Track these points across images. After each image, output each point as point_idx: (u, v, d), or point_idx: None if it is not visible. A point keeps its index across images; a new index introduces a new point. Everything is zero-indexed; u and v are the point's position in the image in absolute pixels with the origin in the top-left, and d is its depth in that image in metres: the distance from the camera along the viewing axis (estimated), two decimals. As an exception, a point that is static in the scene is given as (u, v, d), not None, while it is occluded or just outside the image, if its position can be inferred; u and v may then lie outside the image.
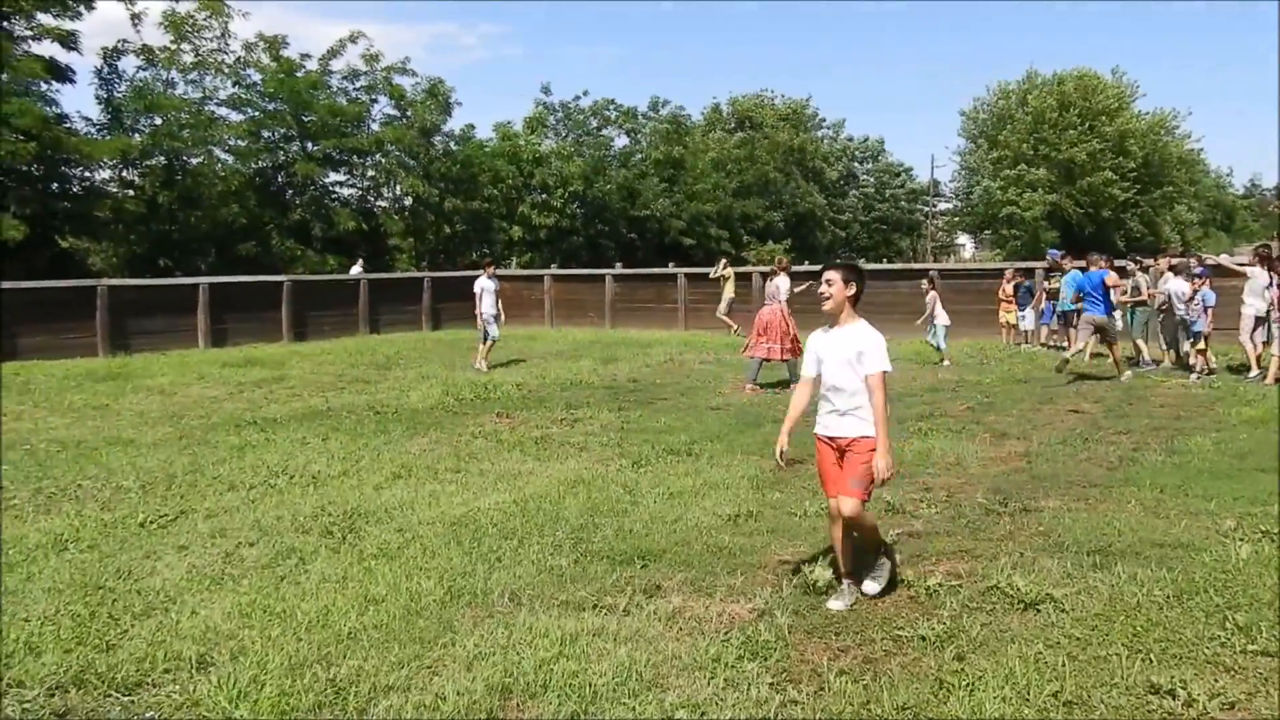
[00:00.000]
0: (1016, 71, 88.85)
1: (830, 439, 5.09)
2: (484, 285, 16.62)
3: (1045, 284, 18.50)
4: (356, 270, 29.63)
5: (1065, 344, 17.50)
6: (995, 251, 61.70)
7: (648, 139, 48.93)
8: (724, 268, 23.24)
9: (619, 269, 29.94)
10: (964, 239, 78.92)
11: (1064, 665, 4.20)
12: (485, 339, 16.53)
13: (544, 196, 41.24)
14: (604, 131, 47.10)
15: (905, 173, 72.83)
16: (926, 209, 72.02)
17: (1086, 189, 56.35)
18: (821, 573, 5.30)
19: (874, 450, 4.87)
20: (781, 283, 13.91)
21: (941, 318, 16.30)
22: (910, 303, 20.81)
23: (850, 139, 70.05)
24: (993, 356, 16.78)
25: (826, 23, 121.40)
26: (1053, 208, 56.02)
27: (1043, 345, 18.07)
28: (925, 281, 18.02)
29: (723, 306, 22.67)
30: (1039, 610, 4.87)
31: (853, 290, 4.97)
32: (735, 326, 21.47)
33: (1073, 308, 15.37)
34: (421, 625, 4.83)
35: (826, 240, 59.61)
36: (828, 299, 4.98)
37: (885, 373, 4.89)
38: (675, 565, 5.71)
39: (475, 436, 10.10)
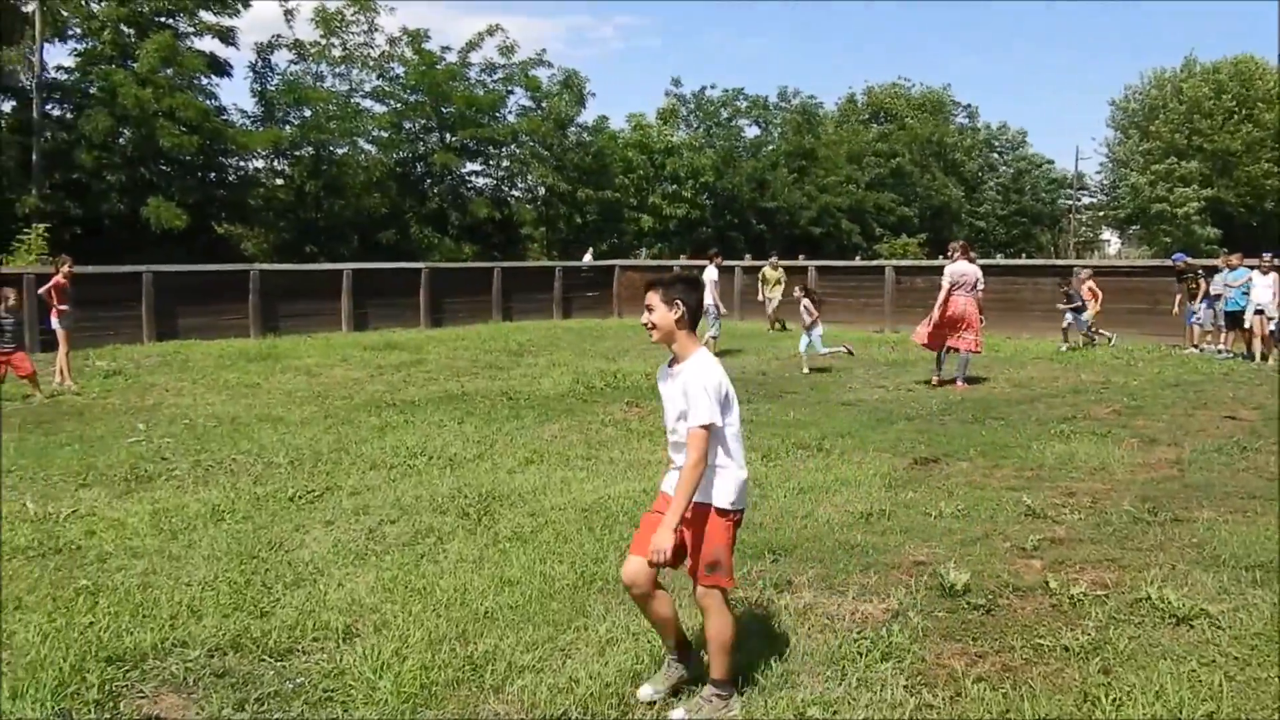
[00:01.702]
0: (1174, 60, 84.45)
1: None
2: (710, 275, 16.63)
3: (1190, 285, 17.59)
4: (588, 259, 30.73)
5: (1221, 345, 16.64)
6: (1143, 249, 58.89)
7: (778, 130, 48.52)
8: (775, 267, 23.03)
9: (748, 260, 29.77)
10: (1109, 235, 75.57)
11: (1220, 685, 3.99)
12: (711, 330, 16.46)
13: (674, 187, 41.36)
14: (735, 122, 46.93)
15: (1047, 164, 70.19)
16: (1069, 202, 69.22)
17: (1245, 180, 53.17)
18: (958, 575, 5.17)
19: (723, 524, 3.82)
20: (962, 268, 12.95)
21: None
22: (1053, 300, 20.10)
23: (988, 126, 67.86)
24: (1141, 358, 16.03)
25: (967, 7, 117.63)
26: (1209, 202, 53.05)
27: (1195, 348, 17.16)
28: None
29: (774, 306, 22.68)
30: (1192, 626, 4.64)
31: (679, 311, 3.84)
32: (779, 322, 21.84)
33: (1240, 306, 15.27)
34: (555, 608, 4.92)
35: (963, 234, 57.93)
36: (651, 329, 3.91)
37: (708, 427, 3.69)
38: (806, 561, 5.66)
39: (605, 424, 10.22)
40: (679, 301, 3.84)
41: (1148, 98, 58.14)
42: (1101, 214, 67.67)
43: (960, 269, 12.94)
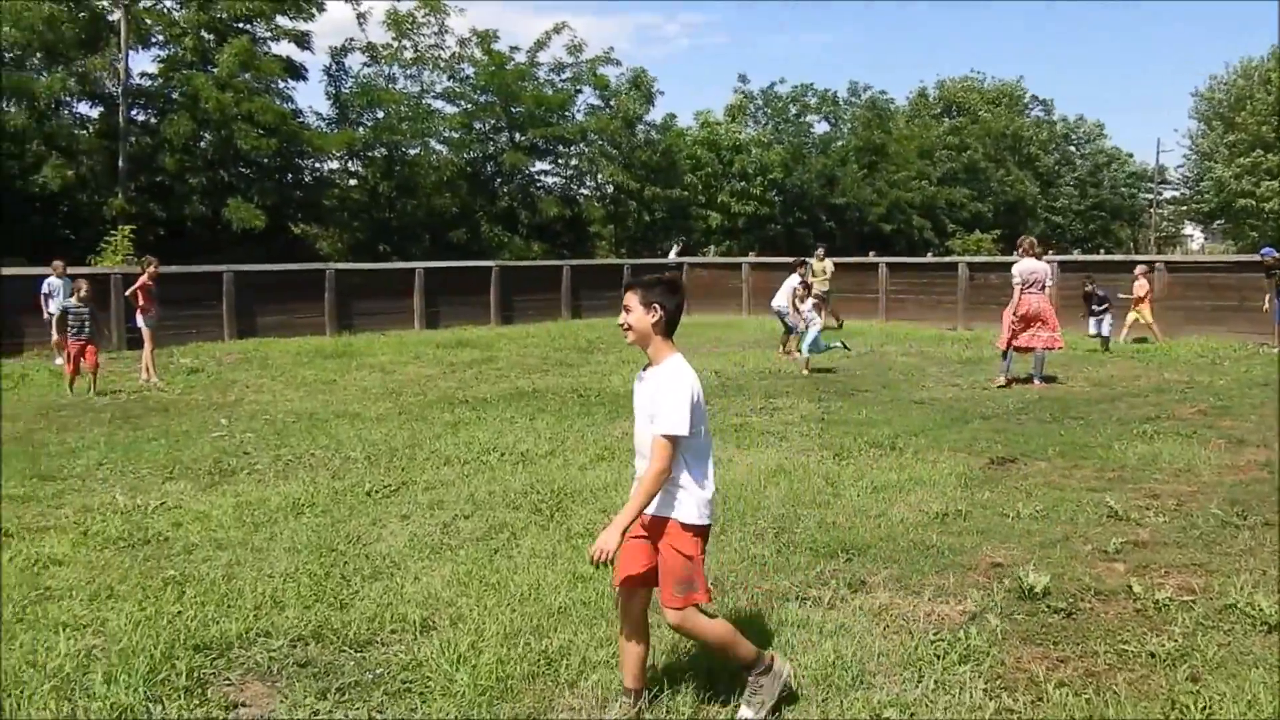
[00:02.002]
0: (1261, 49, 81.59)
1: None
2: (792, 283, 16.52)
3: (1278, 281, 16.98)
4: (674, 254, 31.00)
5: None
6: (1228, 244, 57.02)
7: (848, 125, 48.03)
8: (821, 258, 22.50)
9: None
10: (1192, 229, 73.33)
11: (1316, 695, 3.85)
12: (794, 331, 16.23)
13: (743, 184, 41.19)
14: (804, 118, 46.58)
15: (1126, 157, 68.35)
16: (1150, 196, 67.34)
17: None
18: (1037, 578, 5.07)
19: (687, 539, 3.66)
20: (1030, 265, 12.69)
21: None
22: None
23: (1065, 119, 66.27)
24: (1227, 356, 15.54)
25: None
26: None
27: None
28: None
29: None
30: (1285, 633, 4.49)
31: (657, 315, 3.70)
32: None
33: None
34: (628, 605, 4.93)
35: (1038, 230, 56.71)
36: (627, 331, 3.78)
37: (674, 438, 3.56)
38: (880, 561, 5.60)
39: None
40: (658, 305, 3.70)
41: (1233, 88, 56.24)
42: (1184, 208, 65.68)
43: (1029, 266, 12.68)
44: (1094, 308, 17.72)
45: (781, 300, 16.90)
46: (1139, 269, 18.84)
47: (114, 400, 12.14)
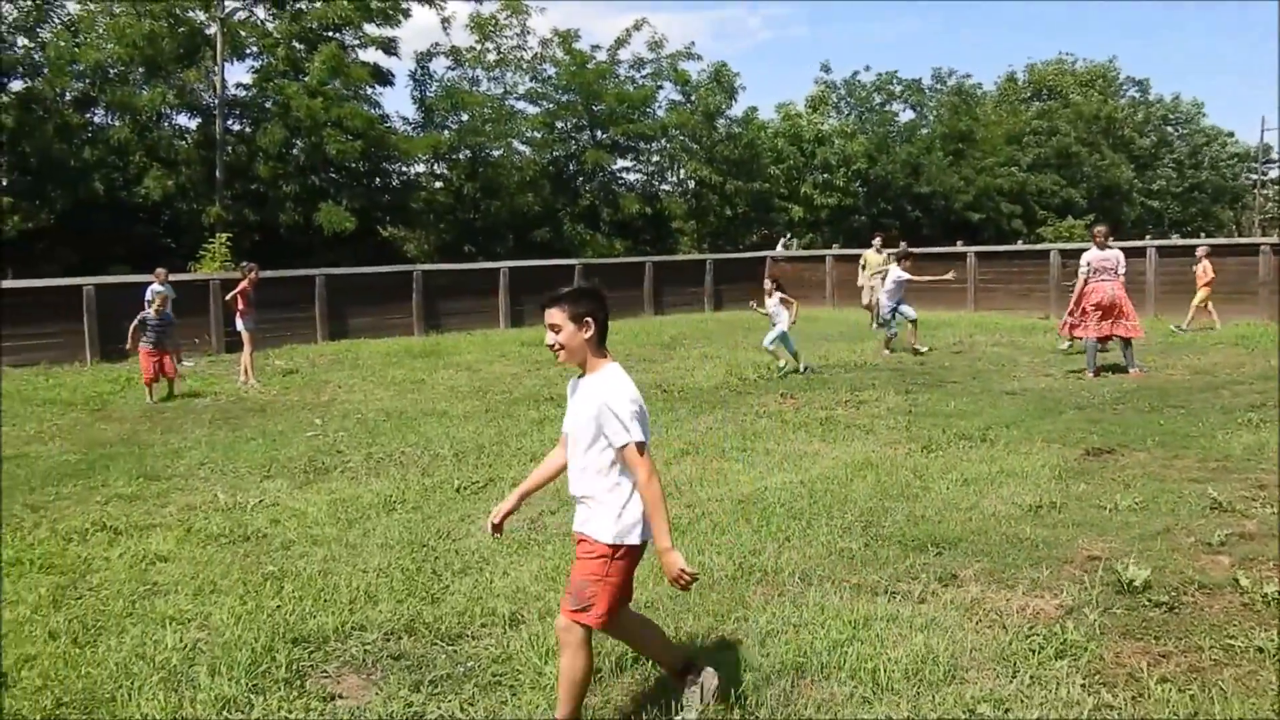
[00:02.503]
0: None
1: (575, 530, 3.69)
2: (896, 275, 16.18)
3: None
4: (780, 248, 31.13)
5: None
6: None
7: (933, 112, 47.10)
8: (879, 250, 21.62)
9: (903, 247, 29.04)
10: (1300, 209, 70.10)
11: None
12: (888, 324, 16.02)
13: (826, 176, 40.72)
14: (888, 107, 45.83)
15: (1227, 137, 65.62)
16: (1255, 177, 64.58)
17: None
18: (1137, 571, 4.92)
19: (597, 557, 3.51)
20: (1100, 254, 12.43)
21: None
22: (1238, 281, 18.88)
23: (1161, 99, 63.90)
24: (1339, 341, 14.83)
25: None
26: None
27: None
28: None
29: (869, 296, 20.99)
30: (1405, 629, 4.27)
31: (590, 330, 3.59)
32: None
33: None
34: (714, 599, 4.93)
35: (1135, 214, 54.87)
36: (558, 351, 3.63)
37: (641, 444, 3.45)
38: (972, 554, 5.49)
39: (759, 416, 10.17)
40: (589, 319, 3.57)
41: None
42: (1291, 187, 62.89)
43: (1098, 255, 12.40)
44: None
45: (884, 294, 16.34)
46: (1200, 250, 18.06)
47: (214, 402, 12.57)
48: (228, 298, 15.06)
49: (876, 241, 22.66)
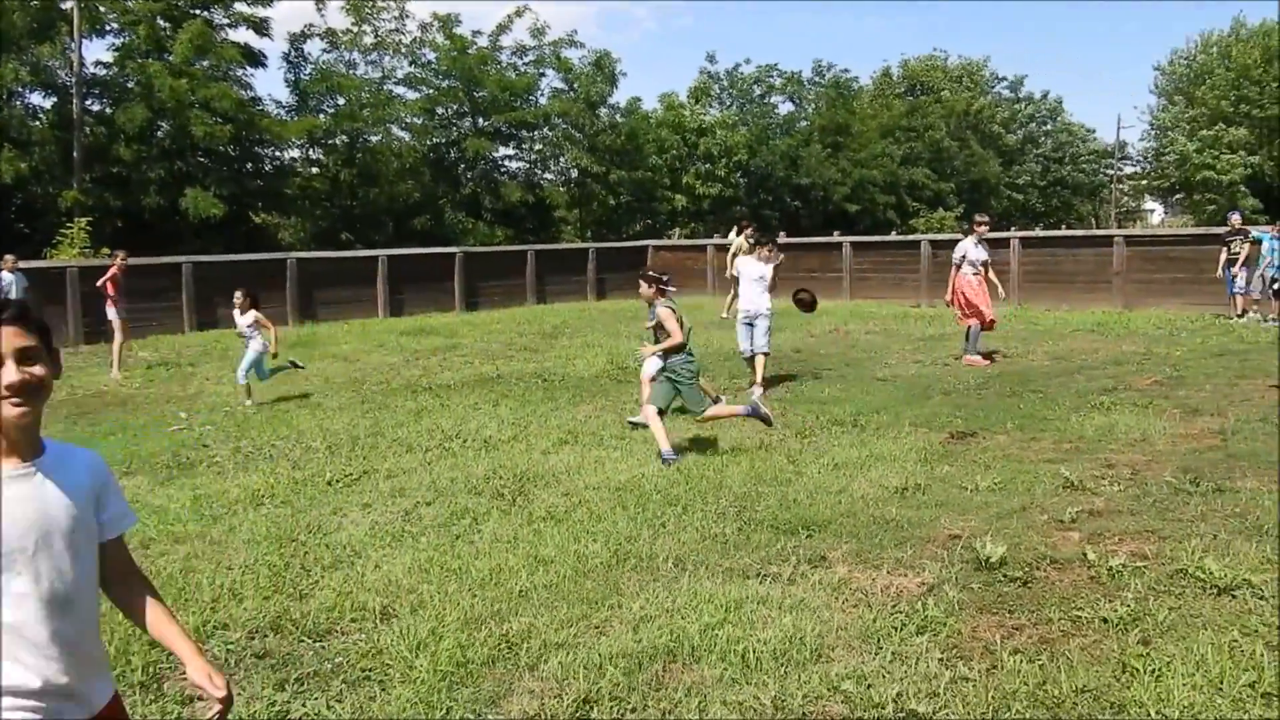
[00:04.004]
0: (1222, 21, 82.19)
1: None
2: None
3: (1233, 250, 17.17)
4: (734, 236, 30.37)
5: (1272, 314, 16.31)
6: (1187, 218, 57.68)
7: (812, 105, 48.10)
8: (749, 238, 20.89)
9: (783, 238, 29.58)
10: (1152, 204, 74.11)
11: (1262, 655, 3.92)
12: None
13: (708, 166, 41.16)
14: (768, 99, 46.58)
15: (1088, 134, 68.95)
16: (1111, 172, 67.99)
17: (1287, 148, 51.80)
18: (994, 548, 5.13)
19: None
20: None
21: None
22: (1094, 271, 19.84)
23: (1030, 97, 66.66)
24: (1184, 328, 15.75)
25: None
26: (1253, 171, 51.82)
27: (1239, 316, 16.81)
28: None
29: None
30: (1234, 596, 4.56)
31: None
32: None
33: None
34: (589, 586, 4.94)
35: (1001, 207, 57.14)
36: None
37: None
38: (840, 536, 5.64)
39: (639, 404, 10.20)
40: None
41: (1194, 62, 56.78)
42: (1144, 183, 66.37)
43: (961, 247, 13.10)
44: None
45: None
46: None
47: (70, 396, 11.97)
48: (98, 284, 14.37)
49: (749, 229, 22.04)
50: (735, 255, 19.93)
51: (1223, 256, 17.20)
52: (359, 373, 13.31)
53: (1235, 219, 17.85)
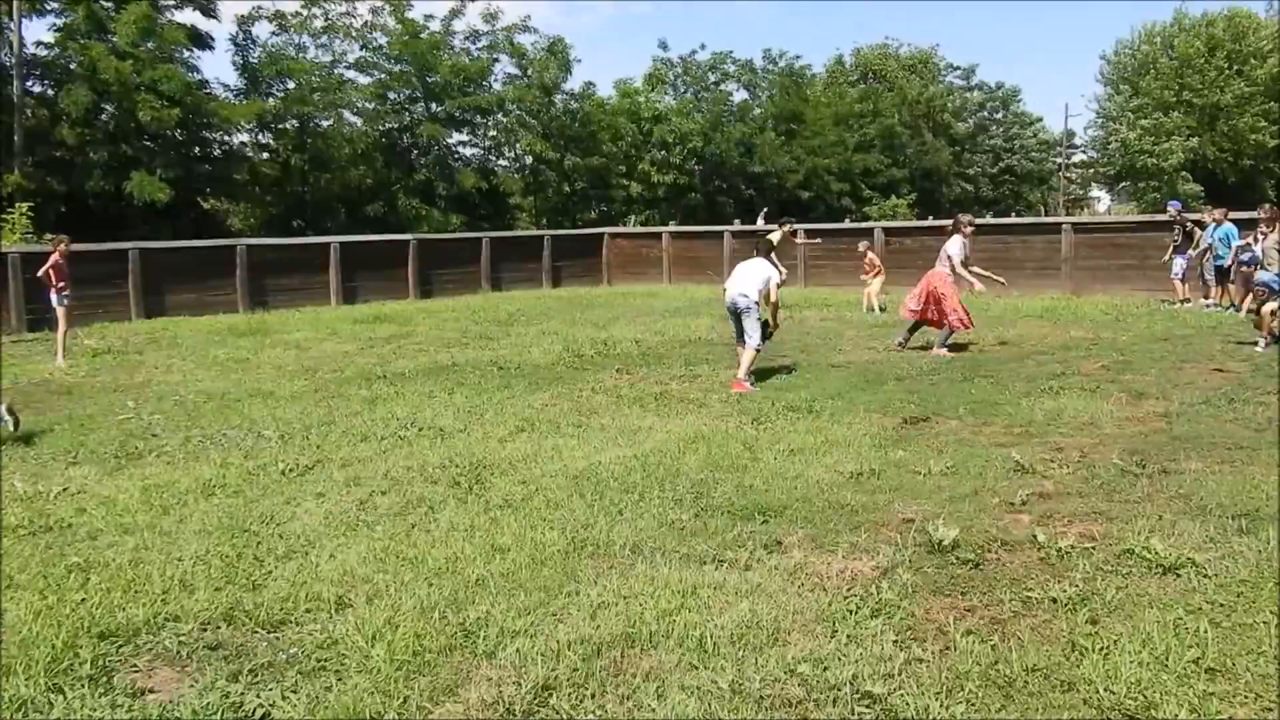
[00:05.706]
0: (1166, 12, 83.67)
1: None
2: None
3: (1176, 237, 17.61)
4: (761, 221, 30.26)
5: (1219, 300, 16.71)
6: (1131, 205, 58.79)
7: (766, 93, 48.24)
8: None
9: (738, 225, 29.68)
10: (1099, 192, 75.45)
11: (1206, 631, 4.03)
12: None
13: (663, 154, 41.15)
14: (722, 86, 46.64)
15: (1036, 122, 69.92)
16: (1059, 161, 69.05)
17: (1229, 133, 52.98)
18: (947, 531, 5.20)
19: None
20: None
21: None
22: (1043, 258, 20.14)
23: (982, 86, 67.43)
24: (1130, 313, 16.07)
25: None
26: (1193, 156, 52.93)
27: (1183, 302, 17.19)
28: None
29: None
30: (1179, 575, 4.68)
31: None
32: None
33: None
34: (546, 574, 4.94)
35: (953, 195, 57.84)
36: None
37: None
38: (796, 521, 5.69)
39: (595, 392, 10.22)
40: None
41: (1138, 52, 57.78)
42: (1091, 171, 67.52)
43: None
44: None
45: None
46: (862, 244, 19.17)
47: (13, 385, 11.69)
48: (40, 273, 14.05)
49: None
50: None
51: (1171, 246, 17.65)
52: (312, 361, 13.15)
53: (1173, 209, 18.29)
